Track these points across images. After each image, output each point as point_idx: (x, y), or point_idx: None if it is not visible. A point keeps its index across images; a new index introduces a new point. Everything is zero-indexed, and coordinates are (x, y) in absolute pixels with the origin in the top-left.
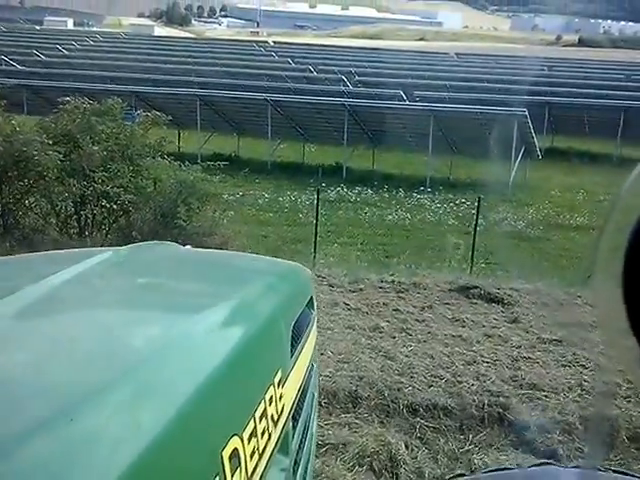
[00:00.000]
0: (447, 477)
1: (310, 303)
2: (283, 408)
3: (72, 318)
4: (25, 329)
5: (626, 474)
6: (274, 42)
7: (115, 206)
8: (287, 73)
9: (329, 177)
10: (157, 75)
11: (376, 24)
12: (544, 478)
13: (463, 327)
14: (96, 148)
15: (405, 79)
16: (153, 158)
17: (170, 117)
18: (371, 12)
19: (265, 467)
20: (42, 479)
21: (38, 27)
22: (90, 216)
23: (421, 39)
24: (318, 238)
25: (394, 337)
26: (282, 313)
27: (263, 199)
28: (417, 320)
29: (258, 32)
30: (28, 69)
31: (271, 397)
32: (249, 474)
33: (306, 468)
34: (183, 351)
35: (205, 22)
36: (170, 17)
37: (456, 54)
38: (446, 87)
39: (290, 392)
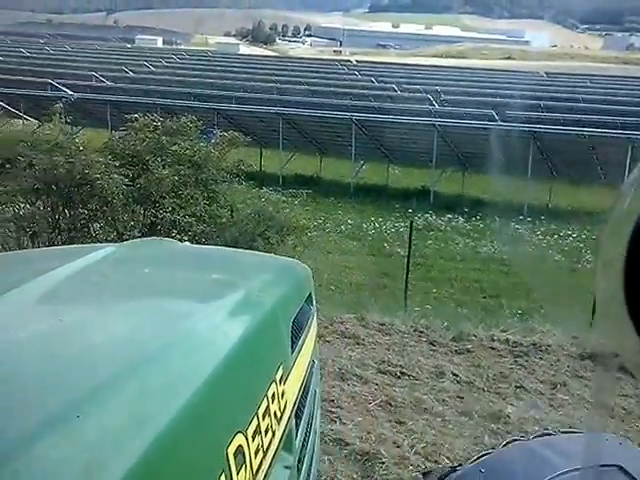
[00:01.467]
0: (501, 444)
1: (309, 299)
2: (286, 405)
3: (75, 313)
4: (29, 324)
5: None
6: (357, 61)
7: (186, 238)
8: (371, 92)
9: (415, 202)
10: (240, 93)
11: (460, 43)
12: (587, 444)
13: (612, 418)
14: (166, 172)
15: (494, 98)
16: (230, 183)
17: (251, 136)
18: (455, 31)
19: (270, 464)
20: (49, 476)
21: (129, 45)
22: None
23: (507, 58)
24: (404, 272)
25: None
26: (281, 309)
27: (346, 225)
28: (552, 406)
29: (341, 51)
30: (116, 85)
31: (273, 394)
32: (254, 471)
33: (310, 466)
34: (186, 348)
35: (289, 41)
36: (255, 36)
37: (546, 73)
38: (540, 107)
39: (292, 389)
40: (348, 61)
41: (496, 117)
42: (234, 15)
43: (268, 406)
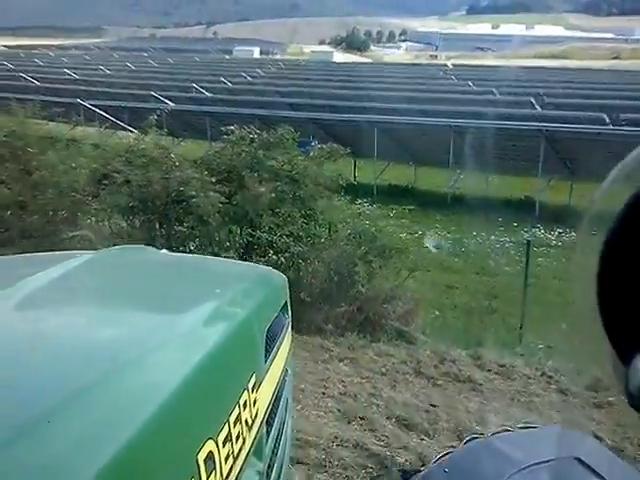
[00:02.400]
0: (465, 440)
1: (284, 308)
2: (257, 413)
3: (49, 320)
4: (2, 331)
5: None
6: (453, 65)
7: (282, 259)
8: (468, 96)
9: (519, 213)
10: (334, 101)
11: (563, 43)
12: (545, 438)
13: None
14: (263, 189)
15: (602, 100)
16: (328, 199)
17: (349, 148)
18: (558, 30)
19: (239, 470)
20: None
21: (228, 56)
22: None
23: (615, 57)
24: (515, 293)
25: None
26: (256, 318)
27: (445, 239)
28: None
29: (436, 55)
30: (215, 96)
31: (245, 402)
32: (224, 477)
33: (280, 472)
34: (157, 355)
35: (383, 47)
36: (349, 43)
37: None
38: None
39: (264, 397)
40: (444, 65)
41: (607, 120)
42: (328, 23)
43: (240, 413)
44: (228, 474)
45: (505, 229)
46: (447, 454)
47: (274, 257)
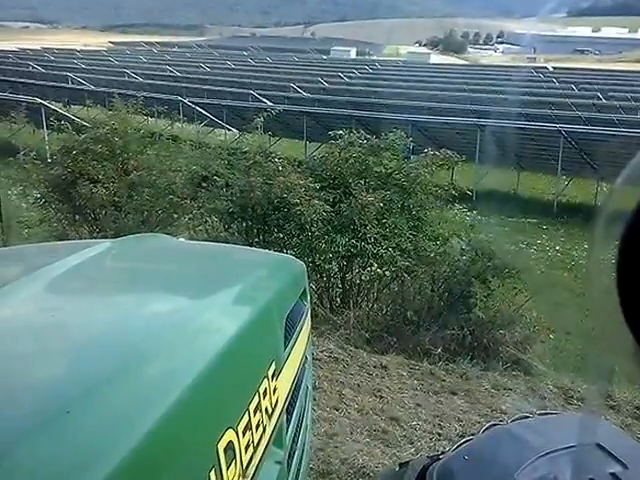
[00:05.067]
0: (481, 429)
1: (303, 295)
2: (277, 401)
3: (67, 309)
4: (21, 319)
5: None
6: (553, 67)
7: (388, 273)
8: (571, 100)
9: None
10: (432, 103)
11: None
12: (564, 424)
13: None
14: (371, 198)
15: None
16: (440, 210)
17: (446, 149)
18: None
19: (260, 460)
20: (39, 472)
21: (324, 56)
22: (355, 284)
23: None
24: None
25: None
26: (275, 305)
27: (552, 251)
28: None
29: (535, 58)
30: (311, 96)
31: (265, 390)
32: (244, 466)
33: (300, 461)
34: (178, 344)
35: (480, 49)
36: (446, 45)
37: None
38: None
39: (284, 385)
40: (544, 68)
41: None
42: (425, 24)
43: (259, 402)
44: (248, 463)
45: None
46: (467, 441)
47: (378, 270)
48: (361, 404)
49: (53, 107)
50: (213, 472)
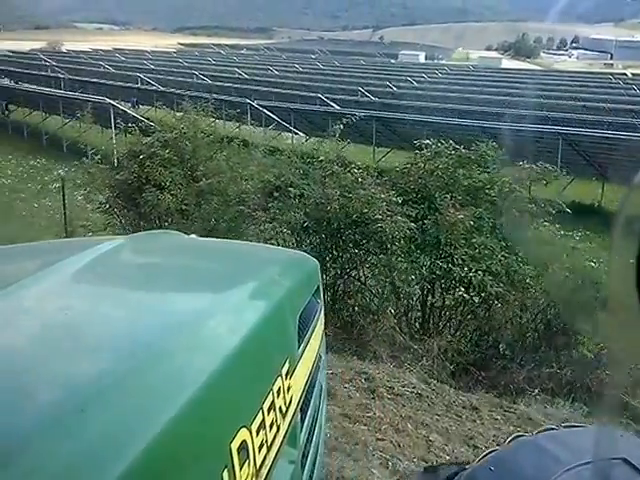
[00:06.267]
0: (507, 440)
1: (317, 293)
2: (291, 400)
3: (80, 306)
4: (34, 316)
5: None
6: (632, 74)
7: (476, 299)
8: None
9: None
10: (505, 109)
11: None
12: (591, 437)
13: None
14: (461, 215)
15: None
16: (536, 229)
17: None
18: None
19: (273, 460)
20: (53, 470)
21: (393, 61)
22: (436, 309)
23: None
24: None
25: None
26: (289, 303)
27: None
28: None
29: (612, 64)
30: (380, 100)
31: (279, 389)
32: (257, 466)
33: (314, 461)
34: (192, 342)
35: (554, 54)
36: (518, 49)
37: None
38: None
39: (298, 383)
40: (623, 74)
41: None
42: (496, 28)
43: (273, 400)
44: (262, 463)
45: None
46: (492, 452)
47: (464, 295)
48: (452, 455)
49: (122, 107)
50: (226, 472)
